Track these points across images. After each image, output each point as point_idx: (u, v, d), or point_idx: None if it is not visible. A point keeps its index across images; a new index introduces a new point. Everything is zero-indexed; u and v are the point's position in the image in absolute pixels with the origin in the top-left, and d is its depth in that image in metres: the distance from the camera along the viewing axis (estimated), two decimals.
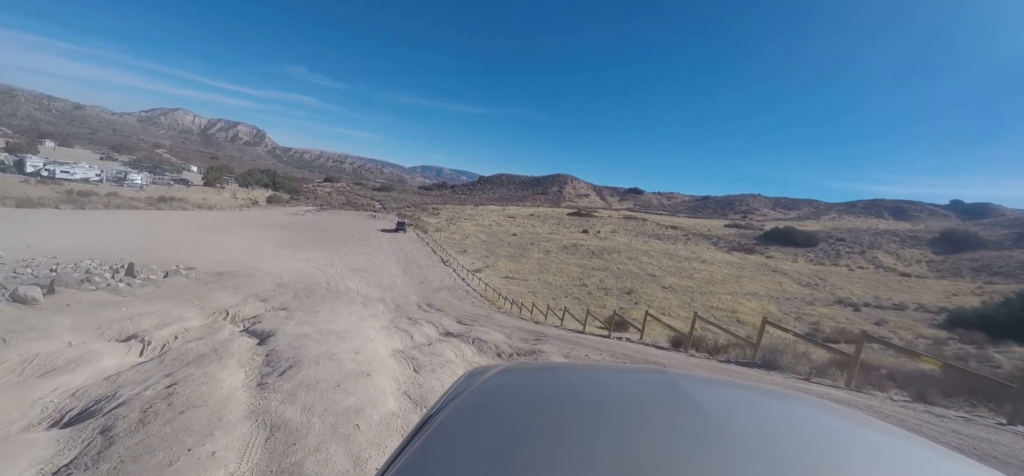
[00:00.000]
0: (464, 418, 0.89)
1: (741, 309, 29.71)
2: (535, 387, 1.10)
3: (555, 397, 0.99)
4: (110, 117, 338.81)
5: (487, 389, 1.04)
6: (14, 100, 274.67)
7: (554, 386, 1.09)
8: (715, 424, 0.81)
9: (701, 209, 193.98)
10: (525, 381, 1.15)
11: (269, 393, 3.57)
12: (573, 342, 8.21)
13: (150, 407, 3.19)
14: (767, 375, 6.02)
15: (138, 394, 3.66)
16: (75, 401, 4.43)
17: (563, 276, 36.54)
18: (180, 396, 3.37)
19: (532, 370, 1.35)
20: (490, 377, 1.13)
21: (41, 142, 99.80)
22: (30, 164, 54.06)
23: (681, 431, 0.81)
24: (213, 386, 3.68)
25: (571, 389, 1.05)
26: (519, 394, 1.04)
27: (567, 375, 1.20)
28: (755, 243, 73.76)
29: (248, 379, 4.23)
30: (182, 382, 3.77)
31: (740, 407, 0.97)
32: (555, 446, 0.72)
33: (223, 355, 5.15)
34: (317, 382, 3.84)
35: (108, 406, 3.63)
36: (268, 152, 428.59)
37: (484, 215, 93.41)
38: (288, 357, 4.84)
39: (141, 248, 25.52)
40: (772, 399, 1.05)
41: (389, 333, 8.66)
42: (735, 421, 0.85)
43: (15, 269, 18.16)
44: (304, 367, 4.33)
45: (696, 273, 41.96)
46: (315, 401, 3.37)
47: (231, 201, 64.50)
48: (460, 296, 24.03)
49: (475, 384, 1.09)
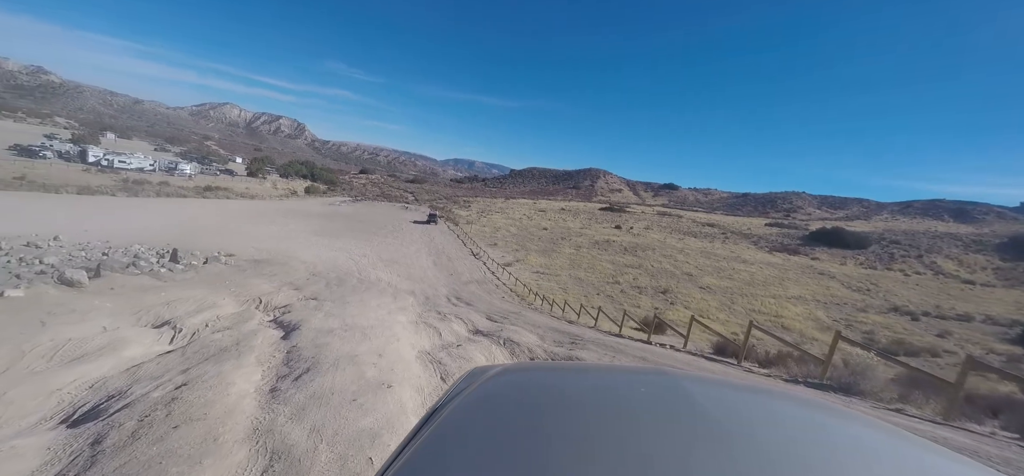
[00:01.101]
0: (464, 418, 0.89)
1: (786, 314, 27.96)
2: (535, 387, 1.09)
3: (555, 397, 0.98)
4: (165, 111, 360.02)
5: (487, 389, 1.03)
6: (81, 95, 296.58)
7: (554, 386, 1.08)
8: (716, 425, 0.81)
9: (740, 206, 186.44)
10: (525, 381, 1.13)
11: (278, 405, 3.22)
12: (612, 347, 7.58)
13: (148, 416, 2.89)
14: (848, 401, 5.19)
15: (145, 395, 3.39)
16: (91, 395, 4.24)
17: (595, 273, 35.59)
18: (182, 403, 3.06)
19: (532, 370, 1.32)
20: (490, 377, 1.11)
21: (103, 134, 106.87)
22: (92, 154, 57.86)
23: (682, 432, 0.80)
24: (221, 392, 3.37)
25: (571, 389, 1.04)
26: (519, 394, 1.03)
27: (567, 375, 1.20)
28: (799, 243, 69.91)
29: (261, 382, 3.92)
30: (192, 383, 3.48)
31: (741, 408, 0.95)
32: (555, 446, 0.73)
33: (244, 350, 4.89)
34: (332, 393, 3.46)
35: (114, 406, 3.36)
36: (308, 144, 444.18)
37: (515, 208, 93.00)
38: (308, 357, 4.51)
39: (186, 234, 26.58)
40: (774, 400, 1.05)
41: (417, 329, 8.33)
42: (736, 422, 0.84)
43: (71, 252, 19.16)
44: (322, 371, 3.98)
45: (736, 274, 39.99)
46: (326, 420, 2.98)
47: (272, 191, 66.91)
48: (490, 290, 23.69)
49: (475, 384, 1.07)
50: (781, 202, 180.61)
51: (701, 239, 69.21)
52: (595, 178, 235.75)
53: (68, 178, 43.54)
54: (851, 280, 42.94)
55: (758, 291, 33.85)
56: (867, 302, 34.93)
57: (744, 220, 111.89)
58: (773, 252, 60.62)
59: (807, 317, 28.13)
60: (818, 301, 33.50)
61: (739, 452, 0.72)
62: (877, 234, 77.91)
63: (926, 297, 38.16)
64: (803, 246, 67.79)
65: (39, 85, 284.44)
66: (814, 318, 28.16)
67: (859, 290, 39.20)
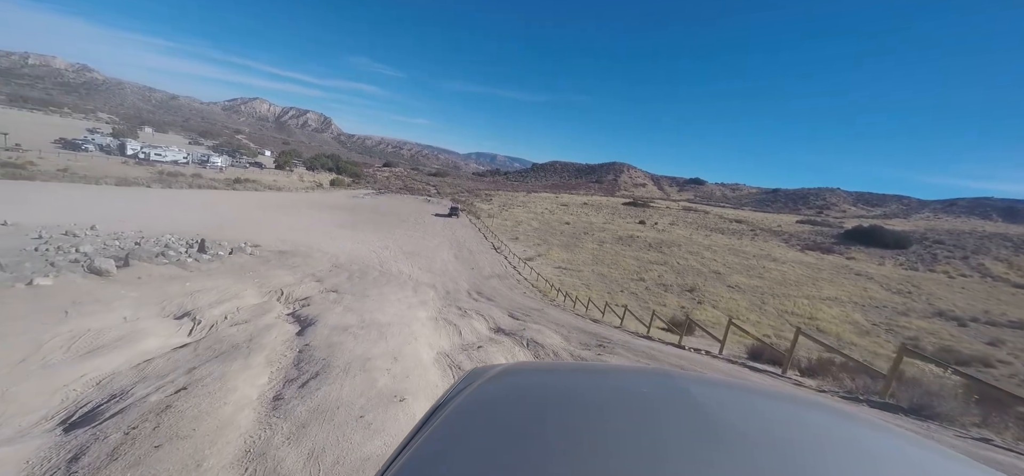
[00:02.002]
0: (464, 418, 0.88)
1: (821, 316, 26.61)
2: (536, 387, 1.08)
3: (556, 398, 0.98)
4: (199, 106, 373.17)
5: (487, 389, 1.03)
6: (122, 91, 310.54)
7: (555, 387, 1.08)
8: (717, 426, 0.80)
9: (769, 202, 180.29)
10: (526, 381, 1.13)
11: (277, 420, 2.92)
12: (643, 352, 7.07)
13: (135, 430, 2.64)
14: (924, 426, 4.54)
15: (143, 399, 3.16)
16: (95, 393, 4.07)
17: (619, 269, 34.79)
18: (173, 415, 2.80)
19: (533, 370, 1.29)
20: (491, 377, 1.11)
21: (141, 128, 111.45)
22: (130, 147, 60.25)
23: (683, 433, 0.80)
24: (219, 399, 3.11)
25: (572, 390, 1.04)
26: (520, 394, 1.03)
27: (568, 376, 1.20)
28: (833, 242, 66.87)
29: (267, 387, 3.65)
30: (192, 387, 3.24)
31: (742, 409, 0.94)
32: (555, 447, 0.73)
33: (254, 348, 4.67)
34: (338, 407, 3.14)
35: (110, 411, 3.14)
36: (334, 138, 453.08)
37: (537, 202, 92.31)
38: (319, 358, 4.24)
39: (214, 225, 27.19)
40: (775, 402, 1.05)
41: (436, 327, 8.03)
42: (738, 423, 0.84)
43: (105, 241, 19.76)
44: (330, 377, 3.69)
45: (766, 272, 38.43)
46: (328, 442, 2.65)
47: (298, 183, 68.31)
48: (511, 285, 23.34)
49: (475, 384, 1.07)
50: (814, 198, 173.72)
51: (729, 236, 67.10)
52: (618, 172, 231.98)
53: (108, 170, 45.36)
54: (890, 282, 40.70)
55: (790, 291, 32.39)
56: (909, 306, 32.98)
57: (774, 217, 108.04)
58: (805, 250, 58.16)
59: (844, 320, 26.69)
60: (855, 303, 31.81)
61: (740, 453, 0.71)
62: (918, 233, 73.79)
63: (973, 301, 35.77)
64: (838, 245, 64.80)
65: (83, 82, 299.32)
66: (851, 321, 26.71)
67: (900, 292, 37.09)
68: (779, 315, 25.82)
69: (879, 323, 27.01)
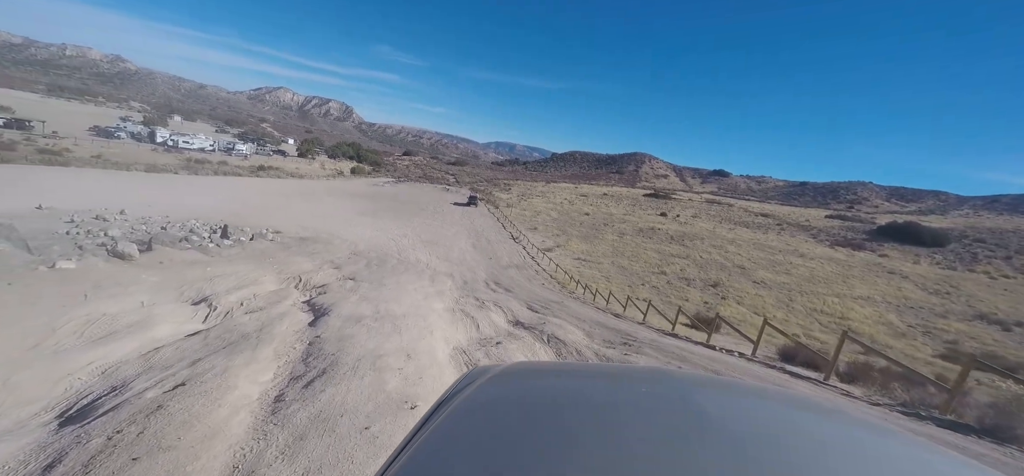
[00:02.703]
0: (463, 418, 0.88)
1: (853, 316, 25.44)
2: (535, 388, 1.09)
3: (555, 398, 0.98)
4: (226, 95, 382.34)
5: (487, 389, 1.03)
6: (153, 81, 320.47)
7: (554, 387, 1.08)
8: (716, 426, 0.81)
9: (797, 196, 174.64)
10: (525, 381, 1.13)
11: (273, 428, 2.67)
12: (672, 353, 6.61)
13: (118, 434, 2.43)
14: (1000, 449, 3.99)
15: (139, 395, 2.96)
16: (99, 383, 3.91)
17: (639, 262, 34.03)
18: (162, 418, 2.58)
19: (532, 370, 1.28)
20: (490, 378, 1.10)
21: (170, 117, 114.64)
22: (159, 135, 61.96)
23: (682, 433, 0.80)
24: (215, 399, 2.88)
25: (571, 390, 1.04)
26: (519, 394, 1.03)
27: (567, 376, 1.20)
28: (865, 238, 64.17)
29: (269, 385, 3.42)
30: (191, 383, 3.03)
31: (741, 409, 0.95)
32: (554, 447, 0.73)
33: (264, 339, 4.46)
34: (342, 413, 2.86)
35: (106, 406, 2.95)
36: (355, 127, 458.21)
37: (556, 193, 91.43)
38: (329, 353, 4.00)
39: (238, 211, 27.63)
40: (774, 401, 1.05)
41: (453, 319, 7.76)
42: (736, 423, 0.85)
43: (133, 226, 20.22)
44: (338, 376, 3.43)
45: (793, 268, 37.03)
46: (326, 458, 2.36)
47: (320, 171, 69.20)
48: (529, 276, 22.99)
49: (475, 384, 1.07)
50: (844, 192, 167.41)
51: (754, 230, 65.12)
52: (639, 163, 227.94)
53: (138, 157, 46.69)
54: (927, 281, 38.74)
55: (819, 288, 31.10)
56: (947, 307, 31.30)
57: (802, 211, 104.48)
58: (835, 247, 55.97)
59: (877, 320, 25.47)
60: (889, 303, 30.37)
61: (740, 453, 0.72)
62: (957, 231, 70.13)
63: (1018, 304, 33.72)
64: (869, 241, 62.13)
65: (117, 72, 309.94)
66: (886, 322, 25.46)
67: (937, 293, 35.27)
68: (808, 314, 24.79)
69: (915, 325, 25.68)
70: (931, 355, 19.73)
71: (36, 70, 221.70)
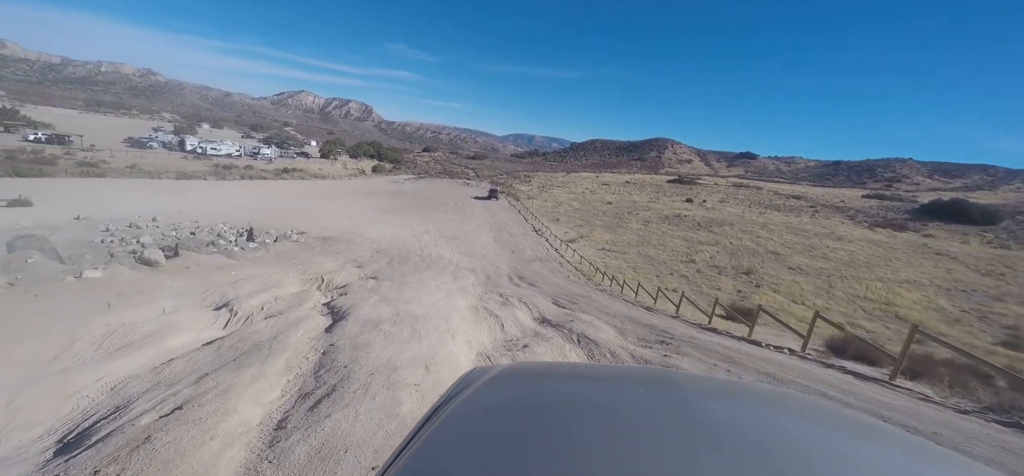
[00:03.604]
0: (463, 418, 0.89)
1: (899, 301, 23.91)
2: (535, 388, 1.09)
3: (555, 398, 0.99)
4: (251, 101, 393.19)
5: (487, 389, 1.03)
6: (182, 92, 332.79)
7: (554, 387, 1.08)
8: (716, 425, 0.81)
9: (830, 176, 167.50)
10: (525, 381, 1.14)
11: (268, 467, 2.34)
12: (718, 353, 5.97)
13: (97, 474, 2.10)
14: None
15: (133, 421, 2.70)
16: (106, 401, 3.69)
17: (666, 250, 33.01)
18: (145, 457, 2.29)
19: (532, 370, 1.29)
20: (490, 378, 1.11)
21: (199, 125, 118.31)
22: (189, 143, 63.96)
23: (682, 432, 0.81)
24: (209, 430, 2.59)
25: (571, 389, 1.05)
26: (519, 394, 1.03)
27: (565, 376, 1.20)
28: (907, 218, 60.83)
29: (274, 406, 3.13)
30: (189, 406, 2.75)
31: (741, 408, 0.95)
32: (555, 447, 0.74)
33: (276, 350, 4.20)
34: (347, 448, 2.52)
35: (100, 432, 2.70)
36: (375, 126, 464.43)
37: (577, 182, 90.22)
38: (342, 364, 3.70)
39: (263, 213, 28.09)
40: (775, 401, 1.05)
41: (476, 318, 7.40)
42: (737, 422, 0.85)
43: (164, 232, 20.68)
44: (347, 396, 3.11)
45: (830, 252, 35.23)
46: None
47: (342, 171, 70.20)
48: (554, 269, 22.51)
49: (475, 384, 1.07)
50: (881, 170, 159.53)
51: (786, 213, 62.60)
52: (662, 148, 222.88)
53: (169, 165, 48.27)
54: (978, 262, 36.26)
55: (860, 273, 29.41)
56: (1003, 289, 29.13)
57: (836, 191, 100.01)
58: (874, 228, 53.16)
59: (927, 306, 23.86)
60: (938, 286, 28.46)
61: (740, 453, 0.72)
62: (1010, 207, 65.65)
63: None
64: (912, 221, 58.85)
65: (149, 85, 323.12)
66: (936, 307, 23.83)
67: (990, 274, 32.94)
68: (850, 300, 23.42)
69: (969, 310, 23.95)
70: (991, 342, 18.30)
71: (74, 87, 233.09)
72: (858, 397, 4.55)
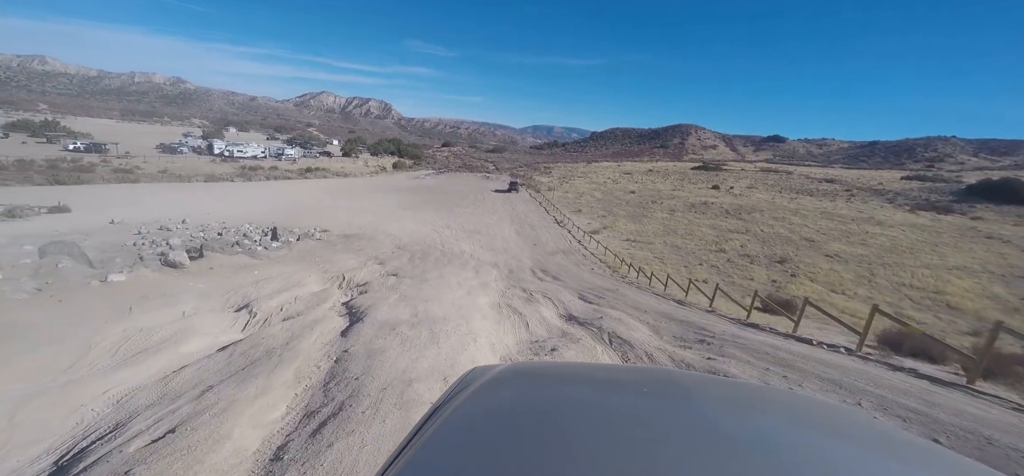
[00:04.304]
0: (464, 418, 0.88)
1: (950, 290, 22.34)
2: (536, 388, 1.09)
3: (556, 397, 0.98)
4: (275, 104, 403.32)
5: (487, 389, 1.02)
6: (210, 98, 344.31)
7: (555, 386, 1.08)
8: (717, 425, 0.81)
9: (865, 157, 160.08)
10: (526, 382, 1.13)
11: None
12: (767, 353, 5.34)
13: None
14: None
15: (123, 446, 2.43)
16: (110, 415, 3.48)
17: (694, 239, 31.91)
18: None
19: (533, 370, 1.28)
20: (491, 377, 1.10)
21: (226, 129, 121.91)
22: (216, 147, 65.74)
23: (683, 432, 0.80)
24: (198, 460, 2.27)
25: (572, 389, 1.04)
26: (520, 395, 1.02)
27: (568, 375, 1.20)
28: (952, 200, 57.24)
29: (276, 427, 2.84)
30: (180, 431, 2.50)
31: (743, 408, 0.95)
32: (555, 449, 0.74)
33: (287, 358, 3.93)
34: None
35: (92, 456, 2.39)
36: (394, 123, 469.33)
37: (598, 172, 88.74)
38: (352, 377, 3.39)
39: (287, 212, 28.45)
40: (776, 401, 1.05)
41: (499, 316, 7.03)
42: (738, 423, 0.85)
43: (192, 233, 21.09)
44: (356, 416, 2.79)
45: (870, 238, 33.35)
46: None
47: (363, 168, 70.99)
48: (577, 261, 21.96)
49: (475, 384, 1.06)
50: (922, 150, 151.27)
51: (819, 198, 59.92)
52: (685, 135, 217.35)
53: (198, 168, 49.68)
54: None
55: (905, 260, 27.68)
56: None
57: (872, 173, 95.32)
58: (916, 211, 50.24)
59: (980, 294, 22.20)
60: (991, 273, 26.49)
61: (741, 453, 0.72)
62: None
63: None
64: (958, 202, 55.33)
65: (179, 93, 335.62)
66: (991, 295, 22.14)
67: None
68: (894, 289, 22.02)
69: None
70: None
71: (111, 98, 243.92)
72: (944, 409, 3.93)
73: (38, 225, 21.42)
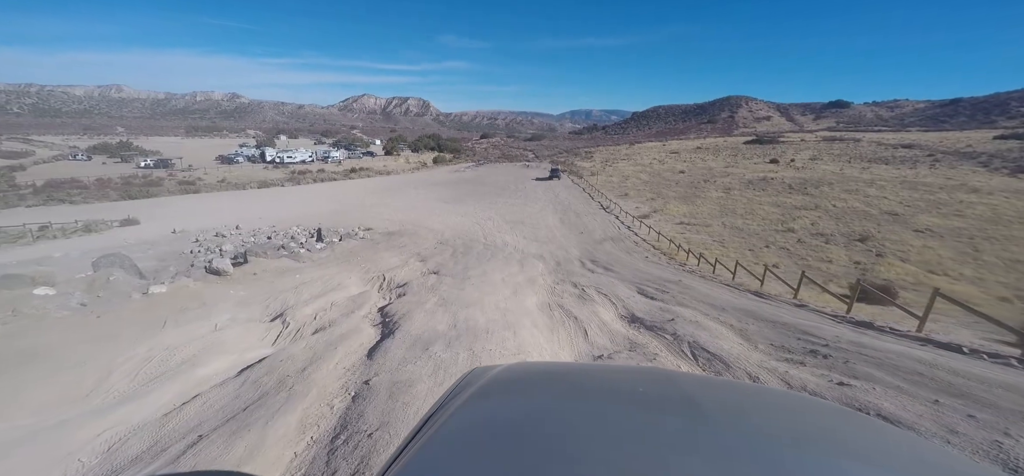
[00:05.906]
0: (464, 419, 0.88)
1: None
2: (537, 389, 1.09)
3: (556, 398, 0.99)
4: (320, 110, 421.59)
5: (487, 389, 1.03)
6: (262, 110, 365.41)
7: (556, 386, 1.08)
8: (718, 426, 0.81)
9: (947, 118, 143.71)
10: (527, 382, 1.12)
11: None
12: (924, 377, 3.82)
13: None
14: None
15: None
16: (98, 467, 2.86)
17: (756, 219, 29.29)
18: None
19: (534, 370, 1.28)
20: (491, 378, 1.10)
21: (277, 137, 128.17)
22: (268, 155, 69.02)
23: (684, 433, 0.81)
24: None
25: (572, 389, 1.05)
26: (521, 396, 1.02)
27: (568, 375, 1.21)
28: None
29: None
30: None
31: (744, 408, 0.94)
32: (555, 448, 0.74)
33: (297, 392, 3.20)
34: None
35: None
36: (433, 119, 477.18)
37: (642, 153, 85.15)
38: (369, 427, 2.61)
39: (332, 213, 28.87)
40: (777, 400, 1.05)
41: (551, 323, 6.05)
42: (739, 423, 0.85)
43: (244, 239, 21.63)
44: None
45: (966, 209, 29.16)
46: None
47: (404, 165, 72.07)
48: (628, 249, 20.53)
49: (475, 384, 1.07)
50: (1016, 104, 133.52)
51: (896, 165, 53.98)
52: (735, 107, 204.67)
53: (252, 176, 52.17)
54: None
55: (1014, 231, 23.79)
56: None
57: (958, 135, 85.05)
58: (1018, 174, 43.94)
59: None
60: None
61: (741, 453, 0.72)
62: None
63: None
64: None
65: (235, 107, 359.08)
66: None
67: None
68: (1007, 266, 18.81)
69: None
70: None
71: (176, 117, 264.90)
72: None
73: (110, 239, 22.85)
